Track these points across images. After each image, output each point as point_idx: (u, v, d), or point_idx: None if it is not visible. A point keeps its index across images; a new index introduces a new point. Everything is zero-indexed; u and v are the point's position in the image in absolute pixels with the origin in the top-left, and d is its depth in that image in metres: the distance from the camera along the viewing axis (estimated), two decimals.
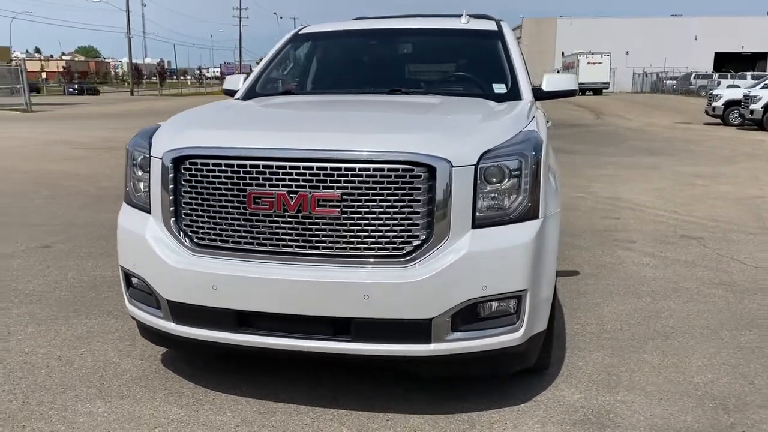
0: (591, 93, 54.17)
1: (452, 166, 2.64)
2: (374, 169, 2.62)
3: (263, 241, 2.75)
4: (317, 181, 2.65)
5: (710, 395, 3.22)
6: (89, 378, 3.35)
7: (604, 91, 55.55)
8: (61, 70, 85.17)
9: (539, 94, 4.03)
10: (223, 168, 2.75)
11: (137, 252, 2.97)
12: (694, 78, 51.97)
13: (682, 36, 66.97)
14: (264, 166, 2.69)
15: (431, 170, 2.63)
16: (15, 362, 3.54)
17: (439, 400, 3.13)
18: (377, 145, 2.66)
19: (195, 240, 2.85)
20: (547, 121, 4.80)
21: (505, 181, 2.75)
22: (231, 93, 4.40)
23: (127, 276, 3.11)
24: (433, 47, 4.53)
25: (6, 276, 5.07)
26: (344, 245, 2.68)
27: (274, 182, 2.69)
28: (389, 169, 2.62)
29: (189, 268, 2.80)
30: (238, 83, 4.40)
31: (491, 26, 4.38)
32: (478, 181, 2.70)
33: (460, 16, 4.52)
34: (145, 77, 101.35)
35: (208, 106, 3.69)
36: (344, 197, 2.64)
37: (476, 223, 2.72)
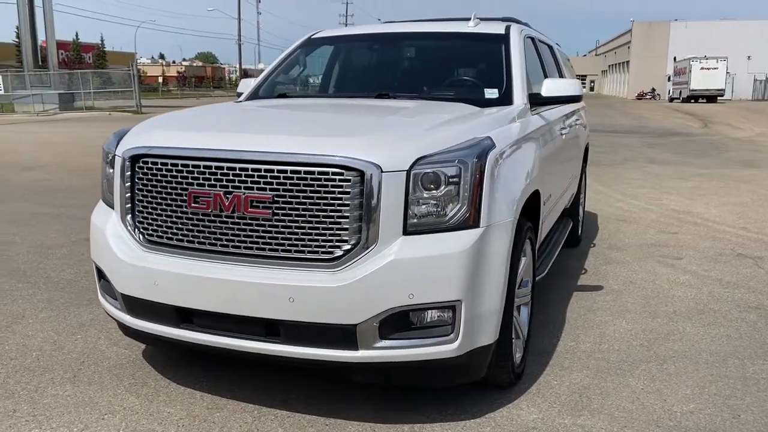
0: (704, 100, 51.11)
1: (382, 171, 2.59)
2: (305, 172, 2.62)
3: (202, 240, 2.81)
4: (251, 182, 2.68)
5: (683, 427, 2.96)
6: (71, 363, 3.55)
7: (719, 98, 52.21)
8: (176, 74, 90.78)
9: (537, 100, 3.86)
10: (169, 167, 2.84)
11: (100, 246, 3.12)
12: None
13: None
14: (204, 167, 2.76)
15: (361, 174, 2.59)
16: (14, 344, 3.81)
17: (390, 409, 3.07)
18: (308, 148, 2.66)
19: (146, 236, 2.95)
20: (563, 128, 4.61)
21: (442, 187, 2.66)
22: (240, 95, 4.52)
23: (99, 270, 3.27)
24: (434, 51, 4.45)
25: (46, 264, 5.46)
26: (275, 247, 2.70)
27: (212, 182, 2.75)
28: (319, 173, 2.62)
29: (136, 263, 2.92)
30: (248, 86, 4.52)
31: (498, 30, 4.24)
32: (411, 187, 2.63)
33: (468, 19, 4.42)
34: None
35: (194, 108, 3.82)
36: (276, 199, 2.66)
37: (408, 230, 2.65)
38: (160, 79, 79.64)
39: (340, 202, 2.61)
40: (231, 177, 2.71)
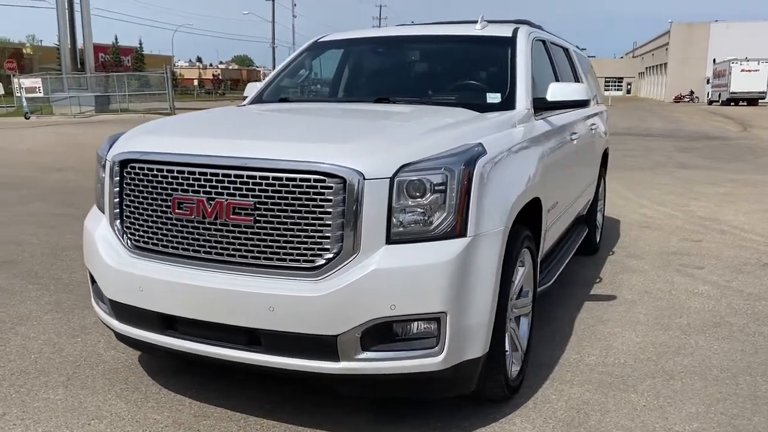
0: (745, 103, 49.77)
1: (364, 179, 2.53)
2: (287, 179, 2.57)
3: (186, 246, 2.78)
4: (234, 188, 2.64)
5: None
6: (66, 367, 3.56)
7: (760, 101, 50.75)
8: (212, 77, 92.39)
9: (542, 105, 3.75)
10: (155, 172, 2.82)
11: (90, 251, 3.12)
12: None
13: None
14: (188, 172, 2.73)
15: (343, 182, 2.53)
16: (15, 345, 3.85)
17: (378, 422, 3.00)
18: (289, 154, 2.60)
19: (133, 242, 2.94)
20: (573, 133, 4.48)
21: (427, 195, 2.58)
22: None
23: (91, 275, 3.26)
24: (438, 54, 4.37)
25: (58, 266, 5.52)
26: (257, 254, 2.65)
27: (196, 188, 2.71)
28: (301, 179, 2.56)
29: (122, 268, 2.90)
30: (254, 90, 4.50)
31: (505, 32, 4.14)
32: (395, 195, 2.56)
33: (475, 22, 4.32)
34: None
35: (191, 113, 3.80)
36: (258, 206, 2.61)
37: (392, 239, 2.58)
38: (196, 82, 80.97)
39: (322, 209, 2.55)
40: (214, 183, 2.68)
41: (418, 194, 2.59)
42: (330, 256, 2.57)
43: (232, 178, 2.64)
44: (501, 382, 3.02)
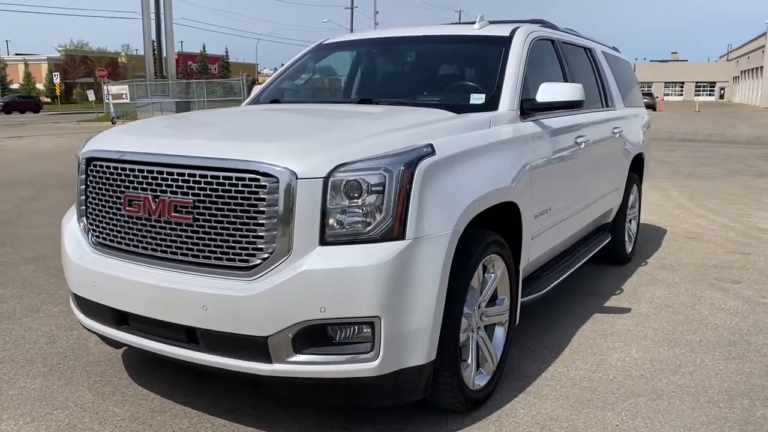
0: None
1: (297, 178, 2.49)
2: (223, 177, 2.57)
3: (136, 243, 2.82)
4: (176, 186, 2.66)
5: None
6: (53, 358, 3.70)
7: None
8: None
9: (531, 106, 3.59)
10: (111, 170, 2.88)
11: (61, 245, 3.22)
12: None
13: None
14: (138, 170, 2.77)
15: (277, 181, 2.50)
16: (15, 335, 4.03)
17: (326, 426, 2.94)
18: (227, 153, 2.60)
19: (94, 238, 3.01)
20: (580, 136, 4.27)
21: (364, 196, 2.51)
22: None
23: None
24: (431, 55, 4.25)
25: None
26: (197, 253, 2.65)
27: (144, 186, 2.75)
28: (237, 178, 2.55)
29: (80, 263, 2.98)
30: (256, 91, 4.55)
31: (502, 32, 3.99)
32: (329, 195, 2.50)
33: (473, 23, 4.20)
34: None
35: (180, 114, 3.88)
36: (197, 204, 2.62)
37: (326, 240, 2.52)
38: None
39: (256, 209, 2.53)
40: (159, 181, 2.71)
41: (355, 195, 2.52)
42: (265, 256, 2.54)
43: (175, 176, 2.66)
44: (456, 393, 2.89)
